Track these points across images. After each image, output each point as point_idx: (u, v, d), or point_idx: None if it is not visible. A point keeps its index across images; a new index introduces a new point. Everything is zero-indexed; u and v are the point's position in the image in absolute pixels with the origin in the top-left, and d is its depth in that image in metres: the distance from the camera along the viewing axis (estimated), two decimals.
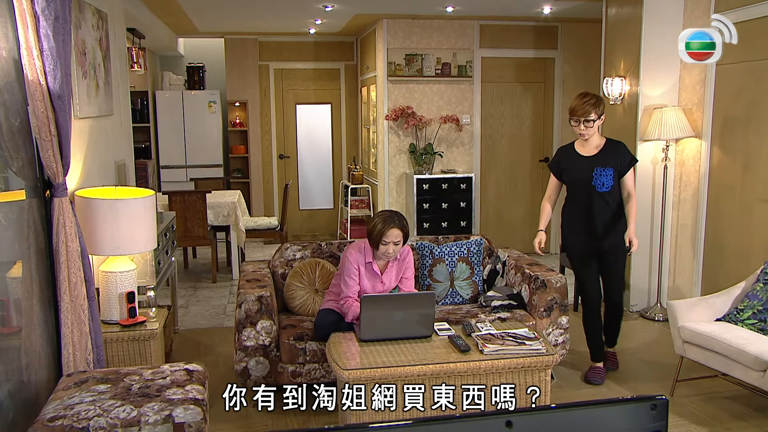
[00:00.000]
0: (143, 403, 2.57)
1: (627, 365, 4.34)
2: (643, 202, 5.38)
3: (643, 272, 5.47)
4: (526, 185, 7.55)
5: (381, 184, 7.22)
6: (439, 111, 7.06)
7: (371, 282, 3.67)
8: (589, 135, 3.84)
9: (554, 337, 3.90)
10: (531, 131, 7.49)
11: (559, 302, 3.88)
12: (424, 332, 3.22)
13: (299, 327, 3.79)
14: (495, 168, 7.44)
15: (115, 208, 3.29)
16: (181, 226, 6.37)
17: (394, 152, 7.10)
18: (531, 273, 3.99)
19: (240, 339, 3.66)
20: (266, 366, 3.67)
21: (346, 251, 3.70)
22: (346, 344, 3.21)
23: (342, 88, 8.99)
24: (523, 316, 3.90)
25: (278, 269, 4.24)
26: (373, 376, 2.85)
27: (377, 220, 3.54)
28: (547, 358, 2.97)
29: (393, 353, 3.05)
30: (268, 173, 9.06)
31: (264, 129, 8.92)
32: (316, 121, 9.15)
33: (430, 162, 6.94)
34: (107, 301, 3.47)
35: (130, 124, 4.93)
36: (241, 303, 3.65)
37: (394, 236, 3.51)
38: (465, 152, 7.21)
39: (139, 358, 3.46)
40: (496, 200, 7.50)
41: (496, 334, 3.14)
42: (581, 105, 3.80)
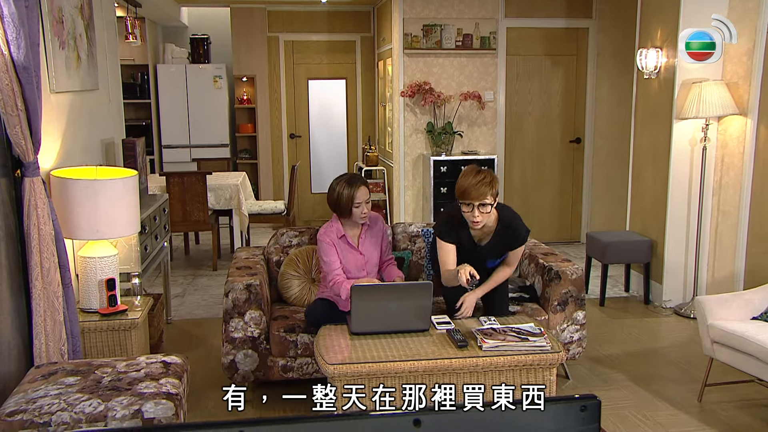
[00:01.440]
0: (112, 397, 2.61)
1: (654, 366, 4.30)
2: (679, 188, 5.29)
3: (678, 264, 5.38)
4: (555, 168, 7.47)
5: (396, 166, 7.20)
6: (460, 87, 7.00)
7: (350, 257, 3.69)
8: (482, 223, 3.36)
9: (569, 334, 3.87)
10: (561, 109, 7.39)
11: (575, 296, 3.84)
12: (420, 325, 3.22)
13: (291, 318, 3.81)
14: (521, 149, 7.37)
15: (92, 189, 3.33)
16: (180, 209, 6.44)
17: (410, 132, 7.07)
18: (545, 263, 3.96)
19: (227, 330, 3.69)
20: (255, 359, 3.71)
21: (318, 235, 3.74)
22: (336, 337, 3.22)
23: (358, 61, 8.97)
24: (535, 310, 3.87)
25: (273, 256, 4.26)
26: (359, 371, 2.86)
27: (339, 188, 3.61)
28: (552, 356, 2.94)
29: (384, 348, 3.05)
30: (277, 154, 9.10)
31: (273, 106, 8.95)
32: (330, 98, 9.15)
33: (449, 142, 6.90)
34: (86, 289, 3.53)
35: (120, 100, 4.98)
36: (228, 292, 3.68)
37: (365, 195, 3.61)
38: (487, 132, 7.15)
39: (119, 350, 3.51)
40: (521, 185, 7.43)
41: (498, 328, 3.12)
42: (475, 186, 3.27)
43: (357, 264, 3.70)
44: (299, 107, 9.07)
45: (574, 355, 3.91)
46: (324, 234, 3.69)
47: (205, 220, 6.53)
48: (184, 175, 6.43)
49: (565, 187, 7.52)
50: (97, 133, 4.27)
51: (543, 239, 7.30)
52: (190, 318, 5.27)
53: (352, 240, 3.71)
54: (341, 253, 3.68)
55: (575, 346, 3.90)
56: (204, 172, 6.53)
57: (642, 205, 5.74)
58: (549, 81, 7.31)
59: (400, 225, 4.35)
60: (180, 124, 8.70)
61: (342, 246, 3.69)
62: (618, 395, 3.86)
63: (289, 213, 7.20)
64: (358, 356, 2.99)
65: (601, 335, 4.78)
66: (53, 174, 3.36)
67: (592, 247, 5.59)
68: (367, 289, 3.21)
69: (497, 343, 2.95)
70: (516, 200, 7.42)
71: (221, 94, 8.73)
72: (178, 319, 5.22)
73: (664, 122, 5.35)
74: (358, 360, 2.94)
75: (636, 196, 5.85)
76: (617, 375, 4.14)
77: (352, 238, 3.72)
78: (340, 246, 3.68)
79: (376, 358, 2.95)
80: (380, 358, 2.95)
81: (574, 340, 3.88)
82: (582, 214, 7.57)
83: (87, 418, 2.49)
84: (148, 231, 4.24)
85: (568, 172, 7.49)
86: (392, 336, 3.19)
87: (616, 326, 4.99)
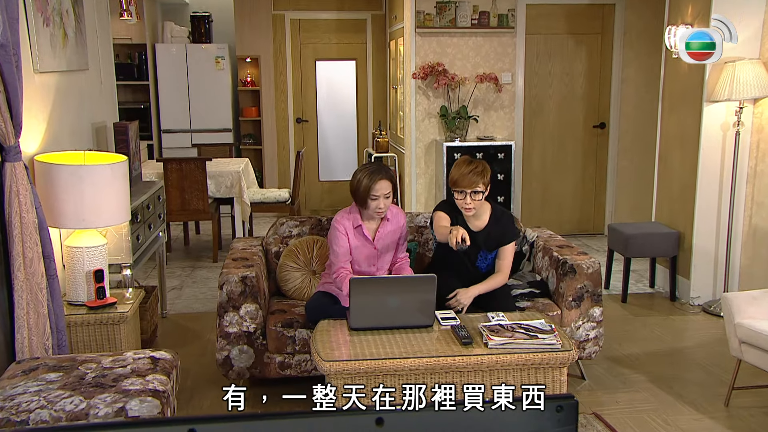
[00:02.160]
0: (95, 394, 2.63)
1: (678, 368, 4.27)
2: (709, 176, 5.23)
3: (707, 258, 5.32)
4: (578, 155, 7.41)
5: (407, 153, 7.18)
6: (475, 68, 6.95)
7: (363, 248, 3.69)
8: (474, 210, 3.69)
9: (584, 331, 3.84)
10: (584, 92, 7.32)
11: (591, 291, 3.81)
12: (424, 321, 3.21)
13: (290, 312, 3.81)
14: (540, 135, 7.32)
15: (78, 175, 3.35)
16: (178, 197, 6.47)
17: (423, 116, 7.04)
18: (559, 256, 3.93)
19: (221, 325, 3.71)
20: (251, 356, 3.72)
21: (333, 220, 3.74)
22: (334, 332, 3.23)
23: (368, 41, 8.94)
24: (546, 305, 3.86)
25: (272, 247, 4.27)
26: (357, 369, 2.86)
27: (361, 176, 3.59)
28: (562, 354, 2.92)
29: (384, 344, 3.04)
30: (283, 139, 9.11)
31: (279, 89, 8.95)
32: (339, 80, 9.12)
33: (463, 127, 6.86)
34: (73, 280, 3.55)
35: (113, 81, 4.99)
36: (222, 284, 3.69)
37: (384, 189, 3.57)
38: (505, 116, 7.10)
39: (107, 344, 3.54)
40: (540, 172, 7.38)
41: (506, 325, 3.10)
42: (467, 174, 3.61)
43: (369, 257, 3.70)
44: (306, 90, 9.05)
45: (590, 354, 3.89)
46: (339, 221, 3.69)
47: (204, 209, 6.55)
48: (182, 162, 6.45)
49: (587, 175, 7.46)
50: (86, 116, 4.28)
51: (563, 231, 7.30)
52: (186, 312, 5.30)
53: (369, 232, 3.71)
54: (353, 243, 3.68)
55: (591, 344, 3.87)
56: (204, 158, 6.54)
57: (669, 195, 5.68)
58: (571, 62, 7.24)
59: (407, 215, 4.33)
60: (180, 107, 8.73)
61: (356, 237, 3.69)
62: (637, 398, 3.83)
63: (293, 202, 7.20)
64: (356, 353, 2.98)
65: (622, 334, 4.74)
66: (37, 159, 3.38)
67: (613, 240, 5.55)
68: (366, 282, 3.21)
69: (504, 341, 2.94)
70: (535, 189, 7.39)
71: (224, 75, 8.73)
72: (174, 313, 5.25)
73: (694, 105, 5.29)
74: (356, 357, 2.94)
75: (662, 185, 5.79)
76: (637, 376, 4.10)
77: (368, 229, 3.71)
78: (354, 237, 3.68)
79: (375, 355, 2.95)
80: (380, 354, 2.94)
81: (590, 338, 3.86)
82: (606, 204, 7.51)
83: (67, 416, 2.50)
84: (141, 220, 4.25)
85: (591, 160, 7.43)
86: (393, 332, 3.18)
87: (638, 324, 4.95)
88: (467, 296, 3.58)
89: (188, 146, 8.57)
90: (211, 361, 4.22)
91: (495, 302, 3.60)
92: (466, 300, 3.56)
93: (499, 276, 3.75)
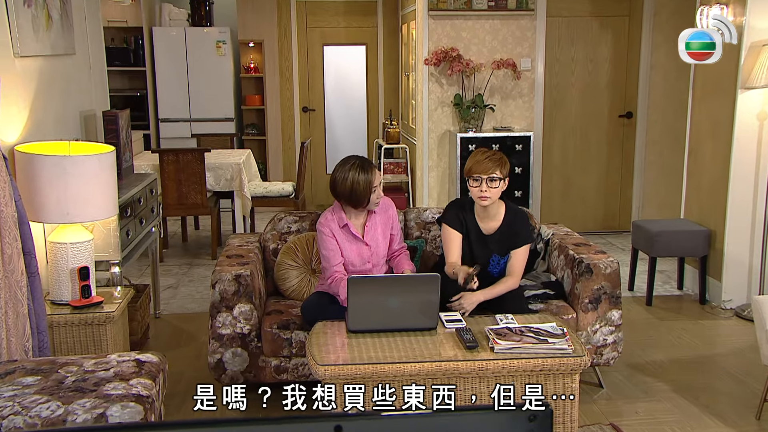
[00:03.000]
0: (74, 399, 2.64)
1: (705, 376, 4.23)
2: (743, 169, 5.17)
3: (741, 258, 5.27)
4: (602, 147, 7.37)
5: (419, 144, 7.17)
6: (492, 54, 6.92)
7: (354, 247, 3.69)
8: (491, 200, 3.67)
9: (602, 336, 3.82)
10: (610, 79, 7.27)
11: (609, 292, 3.79)
12: (426, 323, 3.20)
13: (286, 313, 3.82)
14: (562, 125, 7.28)
15: (61, 166, 3.37)
16: (175, 191, 6.50)
17: (436, 105, 7.03)
18: (575, 255, 3.91)
19: (214, 326, 3.72)
20: (245, 359, 3.73)
21: (317, 224, 3.74)
22: (331, 335, 3.23)
23: (379, 25, 8.94)
24: (561, 307, 3.84)
25: (269, 244, 4.27)
26: (353, 374, 2.86)
27: (354, 174, 3.59)
28: (574, 360, 2.91)
29: (384, 347, 3.04)
30: (288, 129, 9.13)
31: (284, 75, 8.96)
32: (348, 67, 9.14)
33: (479, 117, 6.84)
34: (56, 278, 3.58)
35: (103, 66, 5.01)
36: (215, 283, 3.70)
37: (379, 177, 3.65)
38: (523, 105, 7.07)
39: (93, 346, 3.56)
40: (561, 165, 7.35)
41: (514, 328, 3.09)
42: (483, 160, 3.64)
43: (362, 256, 3.70)
44: (313, 77, 9.07)
45: (608, 360, 3.86)
46: (323, 224, 3.69)
47: (203, 204, 6.58)
48: (179, 153, 6.48)
49: (612, 168, 7.41)
50: (73, 103, 4.30)
51: (586, 228, 7.27)
52: (181, 312, 5.32)
53: (357, 229, 3.71)
54: (342, 244, 3.68)
55: (609, 350, 3.85)
56: (202, 149, 6.57)
57: (699, 190, 5.63)
58: (596, 46, 7.19)
59: (413, 210, 4.33)
60: (179, 95, 8.77)
61: (344, 237, 3.69)
62: (659, 408, 3.80)
63: (297, 196, 7.22)
64: (353, 357, 2.98)
65: (645, 339, 4.71)
66: (18, 149, 3.40)
67: (638, 238, 5.51)
68: (365, 281, 3.20)
69: (511, 345, 2.93)
70: (555, 184, 7.35)
71: (225, 61, 8.76)
72: (169, 314, 5.28)
73: (727, 92, 5.23)
74: (353, 361, 2.94)
75: (692, 179, 5.74)
76: (660, 385, 4.07)
77: (356, 227, 3.72)
78: (342, 237, 3.69)
79: (374, 359, 2.95)
80: (378, 358, 2.94)
81: (608, 343, 3.83)
82: (632, 199, 7.46)
83: (43, 422, 2.52)
84: (130, 214, 4.27)
85: (616, 152, 7.38)
86: (394, 335, 3.17)
87: (663, 329, 4.92)
88: (471, 301, 3.56)
89: (187, 136, 8.61)
90: (205, 364, 4.24)
91: (505, 303, 3.59)
92: (469, 305, 3.55)
93: (510, 279, 3.74)
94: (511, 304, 3.59)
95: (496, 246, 3.79)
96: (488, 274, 3.78)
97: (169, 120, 8.81)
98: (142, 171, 6.10)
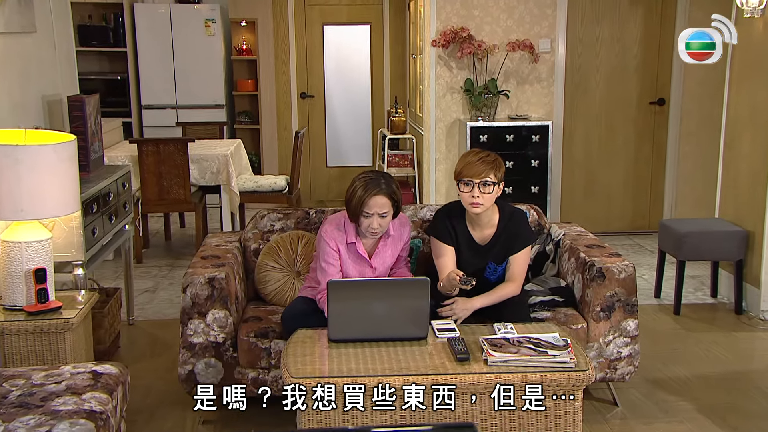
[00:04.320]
0: (16, 417, 2.64)
1: (736, 395, 4.18)
2: None
3: None
4: (630, 137, 7.32)
5: (426, 135, 7.15)
6: (507, 34, 6.89)
7: (357, 268, 3.67)
8: (484, 207, 3.63)
9: (616, 348, 3.79)
10: (640, 62, 7.21)
11: (624, 300, 3.76)
12: (416, 332, 3.20)
13: (266, 320, 3.82)
14: (585, 114, 7.24)
15: (13, 157, 3.37)
16: (155, 185, 6.51)
17: (444, 91, 7.01)
18: (586, 258, 3.88)
19: (185, 334, 3.72)
20: (219, 370, 3.73)
21: (320, 228, 3.70)
22: (311, 344, 3.23)
23: (385, 2, 8.94)
24: (569, 316, 3.82)
25: (250, 244, 4.27)
26: None
27: (357, 185, 3.52)
28: (575, 375, 2.89)
29: (367, 359, 3.04)
30: (285, 117, 9.13)
31: (280, 58, 8.97)
32: (350, 48, 9.14)
33: (491, 105, 6.81)
34: (9, 281, 3.57)
35: (71, 47, 5.03)
36: (186, 286, 3.70)
37: (379, 206, 3.49)
38: (542, 92, 7.03)
39: (50, 357, 3.56)
40: (584, 159, 7.31)
41: (512, 338, 3.07)
42: (475, 162, 3.60)
43: (363, 275, 3.68)
44: (312, 60, 9.07)
45: (623, 375, 3.83)
46: (329, 233, 3.64)
47: (186, 199, 6.59)
48: (159, 143, 6.49)
49: (642, 161, 7.36)
50: (35, 88, 4.32)
51: (612, 229, 7.25)
52: (158, 318, 5.34)
53: (364, 249, 3.68)
54: (344, 261, 3.66)
55: (624, 364, 3.82)
56: (185, 139, 6.58)
57: (735, 185, 5.58)
58: (624, 25, 7.15)
59: (409, 208, 4.31)
60: (163, 79, 8.79)
61: (348, 254, 3.66)
62: (680, 430, 3.77)
63: (291, 191, 7.21)
64: (331, 369, 2.98)
65: (669, 352, 4.68)
66: None
67: (665, 239, 5.46)
68: (347, 286, 3.20)
69: (506, 357, 2.90)
70: (578, 179, 7.31)
71: (215, 42, 8.77)
72: (144, 320, 5.29)
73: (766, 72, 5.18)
74: (331, 374, 2.94)
75: (728, 173, 5.69)
76: (683, 404, 4.04)
77: (365, 246, 3.68)
78: (346, 254, 3.66)
79: (354, 371, 2.94)
80: (359, 371, 2.94)
81: (623, 356, 3.80)
82: (665, 196, 7.41)
83: None
84: (97, 210, 4.28)
85: (647, 143, 7.33)
86: (380, 345, 3.17)
87: (691, 341, 4.88)
88: (465, 308, 3.54)
89: (173, 125, 8.61)
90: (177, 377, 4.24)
91: (506, 311, 3.57)
92: (463, 312, 3.53)
93: (510, 285, 3.72)
94: (512, 311, 3.57)
95: (493, 256, 3.78)
96: (485, 281, 3.76)
97: (153, 107, 8.83)
98: (119, 163, 6.11)
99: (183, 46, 8.74)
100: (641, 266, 6.25)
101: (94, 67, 8.84)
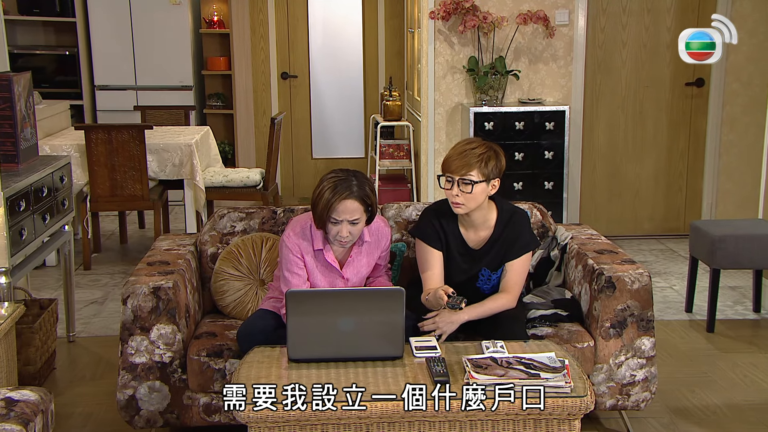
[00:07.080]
0: None
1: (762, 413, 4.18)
2: None
3: None
4: (662, 124, 7.34)
5: (424, 121, 7.16)
6: (517, 4, 6.91)
7: (327, 279, 3.68)
8: (465, 208, 3.65)
9: (628, 371, 3.79)
10: (674, 35, 7.15)
11: (638, 314, 3.76)
12: (390, 351, 3.20)
13: (221, 337, 3.83)
14: (609, 97, 7.27)
15: None
16: (106, 179, 6.53)
17: (444, 71, 7.02)
18: (594, 265, 3.88)
19: (125, 352, 3.72)
20: (165, 395, 3.74)
21: (283, 233, 3.71)
22: (267, 365, 3.23)
23: None
24: (574, 333, 3.83)
25: (207, 247, 4.28)
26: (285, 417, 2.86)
27: (325, 186, 3.49)
28: (572, 401, 2.89)
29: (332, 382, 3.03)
30: (263, 101, 9.15)
31: (257, 32, 8.99)
32: (340, 22, 9.18)
33: (499, 87, 6.83)
34: None
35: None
36: (126, 297, 3.71)
37: (350, 211, 3.47)
38: (558, 72, 7.05)
39: None
40: (608, 149, 7.33)
41: (500, 359, 3.07)
42: (460, 155, 3.61)
43: (334, 287, 3.69)
44: (295, 35, 9.10)
45: (637, 403, 3.83)
46: (291, 238, 3.65)
47: (143, 195, 6.62)
48: (111, 130, 6.51)
49: (676, 153, 7.38)
50: None
51: (640, 231, 7.27)
52: (104, 334, 5.35)
53: (335, 257, 3.68)
54: (311, 270, 3.67)
55: (639, 389, 3.81)
56: (142, 126, 6.60)
57: None
58: None
59: (392, 207, 4.32)
60: (121, 55, 8.83)
61: (315, 263, 3.67)
62: None
63: (267, 187, 7.22)
64: None
65: (698, 376, 4.69)
66: None
67: (697, 244, 5.45)
68: (309, 296, 3.20)
69: (491, 380, 2.90)
70: (600, 173, 7.33)
71: (181, 12, 8.80)
72: (87, 336, 5.31)
73: None
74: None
75: None
76: None
77: (335, 254, 3.68)
78: (313, 263, 3.67)
79: None
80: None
81: (637, 380, 3.80)
82: (703, 194, 7.41)
83: None
84: (26, 208, 4.29)
85: (682, 131, 7.35)
86: (348, 365, 3.17)
87: (725, 363, 4.87)
88: (450, 321, 3.54)
89: (131, 109, 8.62)
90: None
91: (499, 327, 3.57)
92: (448, 326, 3.52)
93: (504, 297, 3.71)
94: (506, 327, 3.56)
95: (487, 262, 3.79)
96: (477, 290, 3.77)
97: (108, 87, 8.87)
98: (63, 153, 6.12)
99: (143, 17, 8.76)
100: (672, 275, 6.26)
101: (38, 40, 8.86)
